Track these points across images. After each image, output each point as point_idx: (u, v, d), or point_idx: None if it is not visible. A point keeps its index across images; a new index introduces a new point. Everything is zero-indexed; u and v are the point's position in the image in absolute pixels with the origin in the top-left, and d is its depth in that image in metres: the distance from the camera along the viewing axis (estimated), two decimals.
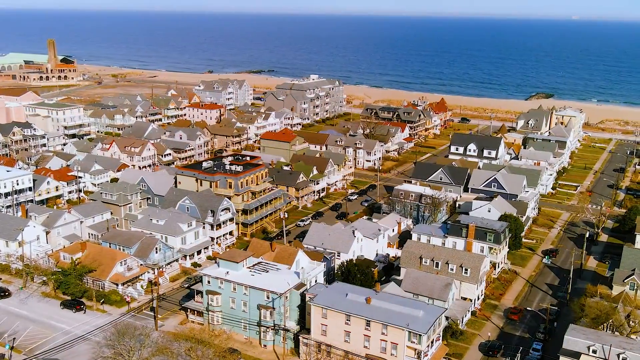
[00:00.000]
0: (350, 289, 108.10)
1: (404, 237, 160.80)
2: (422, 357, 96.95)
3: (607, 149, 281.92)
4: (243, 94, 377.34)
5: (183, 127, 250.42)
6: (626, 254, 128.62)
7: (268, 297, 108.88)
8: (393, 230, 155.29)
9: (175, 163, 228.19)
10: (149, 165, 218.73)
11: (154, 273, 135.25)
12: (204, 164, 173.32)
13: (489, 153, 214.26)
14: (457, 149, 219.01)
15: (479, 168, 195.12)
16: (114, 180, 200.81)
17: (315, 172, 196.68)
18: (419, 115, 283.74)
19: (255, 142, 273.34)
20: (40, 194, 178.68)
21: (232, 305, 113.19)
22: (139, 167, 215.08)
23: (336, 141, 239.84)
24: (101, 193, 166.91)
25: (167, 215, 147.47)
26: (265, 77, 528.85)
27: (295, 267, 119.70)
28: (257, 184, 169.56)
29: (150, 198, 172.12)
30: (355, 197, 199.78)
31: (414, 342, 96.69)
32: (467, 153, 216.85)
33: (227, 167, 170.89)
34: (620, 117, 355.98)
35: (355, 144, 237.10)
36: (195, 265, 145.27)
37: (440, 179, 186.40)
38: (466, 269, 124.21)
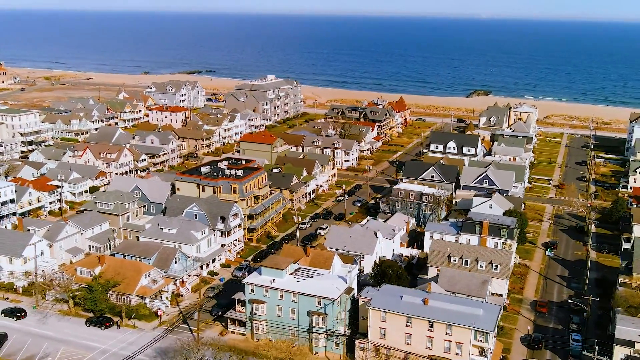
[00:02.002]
0: (402, 291, 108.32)
1: (411, 237, 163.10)
2: (487, 354, 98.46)
3: (563, 143, 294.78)
4: (196, 95, 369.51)
5: (153, 131, 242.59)
6: (639, 243, 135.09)
7: (319, 303, 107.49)
8: (402, 229, 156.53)
9: (150, 169, 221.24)
10: (129, 172, 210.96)
11: (176, 284, 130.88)
12: (203, 169, 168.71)
13: (469, 150, 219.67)
14: (437, 147, 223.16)
15: (465, 165, 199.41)
16: (94, 188, 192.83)
17: (305, 173, 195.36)
18: (385, 114, 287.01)
19: (225, 144, 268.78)
20: (22, 206, 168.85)
21: (278, 313, 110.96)
22: (116, 174, 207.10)
23: (313, 142, 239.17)
24: (96, 202, 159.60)
25: (178, 223, 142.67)
26: (210, 78, 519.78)
27: (332, 270, 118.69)
28: (259, 188, 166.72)
29: (145, 206, 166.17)
30: (347, 197, 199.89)
31: (480, 341, 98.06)
32: (447, 151, 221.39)
33: (227, 171, 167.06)
34: (564, 112, 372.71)
35: (333, 144, 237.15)
36: (212, 273, 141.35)
37: (432, 177, 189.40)
38: (496, 265, 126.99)
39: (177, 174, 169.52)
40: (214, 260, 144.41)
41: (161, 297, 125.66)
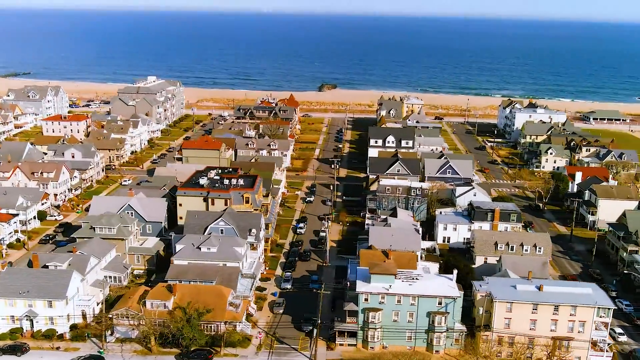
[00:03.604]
0: (511, 282, 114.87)
1: None
2: (608, 328, 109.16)
3: (449, 131, 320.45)
4: (60, 101, 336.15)
5: (74, 144, 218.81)
6: (630, 216, 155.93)
7: (440, 303, 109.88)
8: (417, 225, 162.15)
9: (82, 186, 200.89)
10: (68, 191, 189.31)
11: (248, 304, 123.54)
12: (201, 181, 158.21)
13: (407, 143, 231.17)
14: (376, 142, 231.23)
15: (419, 158, 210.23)
16: (42, 214, 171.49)
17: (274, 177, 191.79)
18: (294, 112, 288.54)
19: (133, 152, 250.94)
20: None
21: (394, 318, 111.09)
22: (55, 195, 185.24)
23: (247, 144, 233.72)
24: (93, 228, 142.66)
25: (217, 240, 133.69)
26: (47, 82, 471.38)
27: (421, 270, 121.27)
28: (263, 196, 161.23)
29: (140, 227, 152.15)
30: (313, 197, 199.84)
31: (602, 317, 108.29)
32: (387, 145, 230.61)
33: (227, 181, 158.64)
34: (428, 103, 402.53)
35: (269, 145, 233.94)
36: (259, 289, 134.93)
37: (398, 171, 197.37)
38: (539, 248, 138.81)
39: (179, 188, 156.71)
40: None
41: (241, 320, 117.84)
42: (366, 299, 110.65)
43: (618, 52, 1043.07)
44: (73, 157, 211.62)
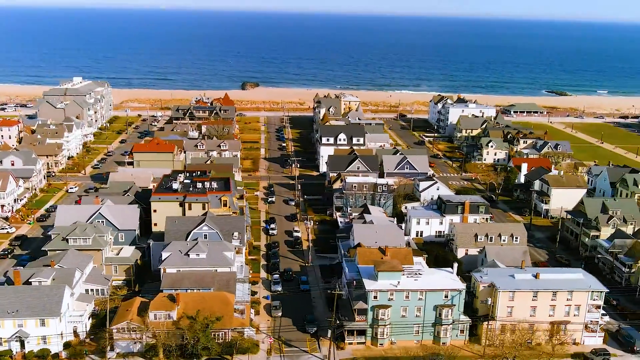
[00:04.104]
0: (510, 272, 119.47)
1: None
2: (600, 310, 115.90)
3: (385, 127, 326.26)
4: None
5: (11, 151, 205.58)
6: (588, 203, 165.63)
7: (447, 296, 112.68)
8: (393, 220, 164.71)
9: (26, 195, 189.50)
10: (14, 201, 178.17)
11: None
12: (174, 185, 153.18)
13: (358, 140, 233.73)
14: (328, 140, 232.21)
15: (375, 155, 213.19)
16: None
17: (237, 179, 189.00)
18: (235, 112, 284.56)
19: (70, 158, 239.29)
20: None
21: (403, 314, 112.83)
22: (2, 206, 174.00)
23: (196, 146, 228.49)
24: (65, 239, 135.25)
25: (205, 246, 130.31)
26: None
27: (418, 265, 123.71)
28: (237, 199, 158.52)
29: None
30: (274, 198, 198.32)
31: (596, 299, 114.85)
32: (338, 142, 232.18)
33: (201, 184, 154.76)
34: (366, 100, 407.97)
35: (219, 146, 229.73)
36: (252, 293, 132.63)
37: (358, 168, 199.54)
38: (516, 237, 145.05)
39: (152, 194, 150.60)
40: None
41: (248, 326, 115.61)
42: (375, 297, 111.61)
43: (528, 48, 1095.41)
44: (13, 164, 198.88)
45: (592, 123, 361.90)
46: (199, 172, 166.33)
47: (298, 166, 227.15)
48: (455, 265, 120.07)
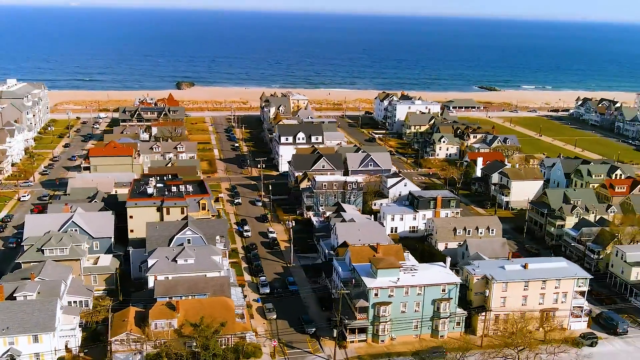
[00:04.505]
0: (499, 263, 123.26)
1: None
2: (585, 296, 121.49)
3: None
4: None
5: None
6: (550, 193, 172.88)
7: (444, 290, 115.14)
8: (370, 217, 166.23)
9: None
10: None
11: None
12: (149, 190, 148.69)
13: (317, 139, 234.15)
14: (287, 139, 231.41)
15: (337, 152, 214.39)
16: None
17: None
18: (183, 113, 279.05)
19: (13, 165, 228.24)
20: None
21: (402, 310, 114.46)
22: None
23: (151, 148, 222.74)
24: (40, 250, 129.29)
25: (192, 251, 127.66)
26: None
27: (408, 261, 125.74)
28: (213, 201, 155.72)
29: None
30: (240, 199, 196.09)
31: (581, 286, 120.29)
32: (297, 141, 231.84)
33: (176, 188, 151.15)
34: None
35: (176, 148, 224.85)
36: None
37: (323, 167, 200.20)
38: (492, 229, 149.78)
39: (128, 199, 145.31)
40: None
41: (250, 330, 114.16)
42: (376, 294, 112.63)
43: (460, 45, 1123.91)
44: None
45: (527, 117, 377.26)
46: (170, 176, 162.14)
47: (263, 166, 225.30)
48: (448, 259, 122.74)
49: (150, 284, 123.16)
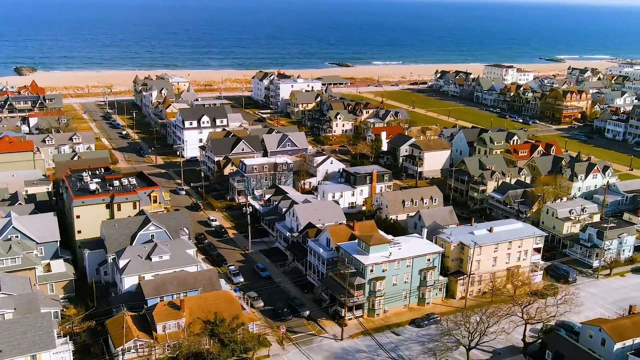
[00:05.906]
0: (467, 229, 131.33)
1: None
2: (541, 252, 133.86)
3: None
4: None
5: None
6: (468, 161, 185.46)
7: (429, 260, 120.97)
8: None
9: None
10: None
11: None
12: (91, 187, 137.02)
13: (222, 122, 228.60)
14: (191, 123, 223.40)
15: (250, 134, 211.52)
16: None
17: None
18: (61, 101, 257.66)
19: None
20: None
21: (394, 282, 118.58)
22: None
23: (43, 141, 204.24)
24: None
25: (166, 247, 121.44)
26: None
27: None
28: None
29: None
30: (186, 188, 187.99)
31: (538, 243, 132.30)
32: (202, 125, 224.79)
33: (118, 182, 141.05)
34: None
35: (71, 139, 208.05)
36: None
37: (242, 150, 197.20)
38: (434, 199, 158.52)
39: (74, 198, 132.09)
40: None
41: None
42: (371, 270, 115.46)
43: (317, 23, 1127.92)
44: None
45: (392, 91, 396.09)
46: (103, 169, 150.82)
47: (183, 151, 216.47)
48: (425, 230, 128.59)
49: (126, 286, 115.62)
